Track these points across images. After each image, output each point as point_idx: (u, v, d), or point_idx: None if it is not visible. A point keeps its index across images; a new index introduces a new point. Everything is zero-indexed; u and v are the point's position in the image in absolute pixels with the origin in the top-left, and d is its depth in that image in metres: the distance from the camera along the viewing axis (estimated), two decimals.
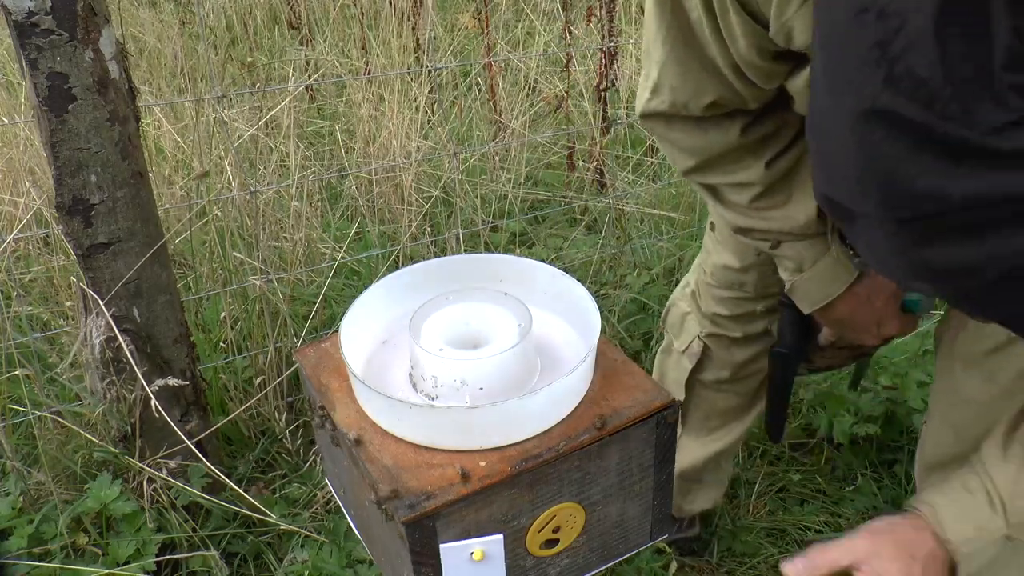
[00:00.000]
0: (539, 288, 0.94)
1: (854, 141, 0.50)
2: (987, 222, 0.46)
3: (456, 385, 0.81)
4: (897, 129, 0.47)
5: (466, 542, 0.77)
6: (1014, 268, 0.47)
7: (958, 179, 0.46)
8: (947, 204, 0.47)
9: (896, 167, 0.48)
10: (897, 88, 0.47)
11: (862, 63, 0.48)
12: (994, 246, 0.47)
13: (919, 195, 0.48)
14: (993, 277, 0.48)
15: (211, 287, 1.70)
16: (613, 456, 0.81)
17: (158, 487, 1.33)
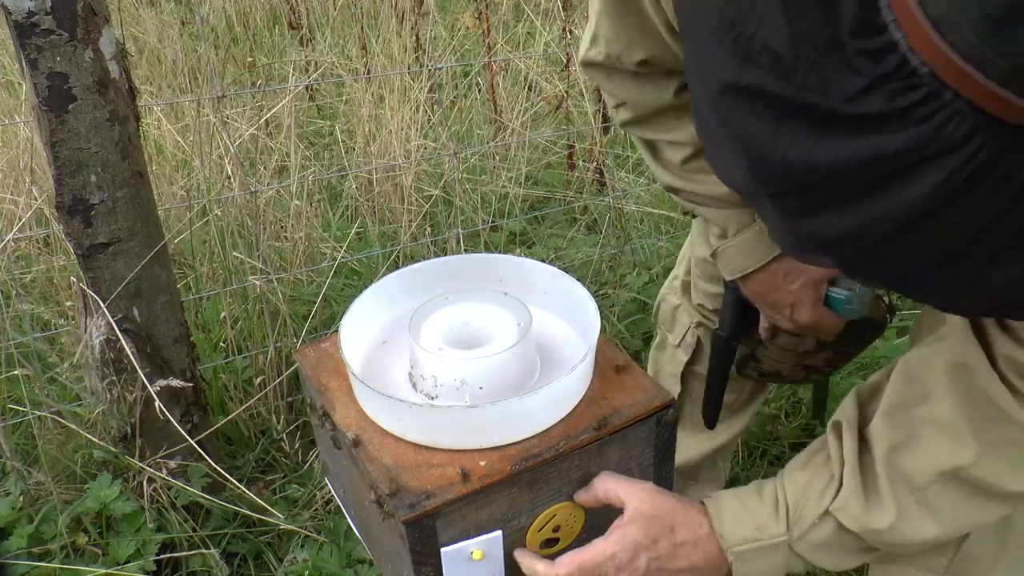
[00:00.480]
0: (539, 288, 0.94)
1: (718, 119, 0.51)
2: (857, 187, 0.47)
3: (456, 385, 0.81)
4: (759, 104, 0.48)
5: (466, 542, 0.77)
6: (892, 228, 0.47)
7: (822, 148, 0.46)
8: (815, 174, 0.47)
9: (762, 141, 0.48)
10: (753, 64, 0.47)
11: (717, 41, 0.49)
12: (868, 210, 0.47)
13: (787, 168, 0.48)
14: (875, 240, 0.48)
15: (211, 287, 1.70)
16: (613, 455, 0.81)
17: (158, 487, 1.33)
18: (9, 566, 1.25)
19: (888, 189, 0.46)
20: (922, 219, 0.46)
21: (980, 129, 0.43)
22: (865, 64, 0.45)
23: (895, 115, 0.44)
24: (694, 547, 0.79)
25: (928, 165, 0.45)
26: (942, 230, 0.46)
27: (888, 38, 0.44)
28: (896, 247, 0.48)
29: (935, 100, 0.44)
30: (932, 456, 0.71)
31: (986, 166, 0.44)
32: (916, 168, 0.45)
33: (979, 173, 0.44)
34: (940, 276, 0.49)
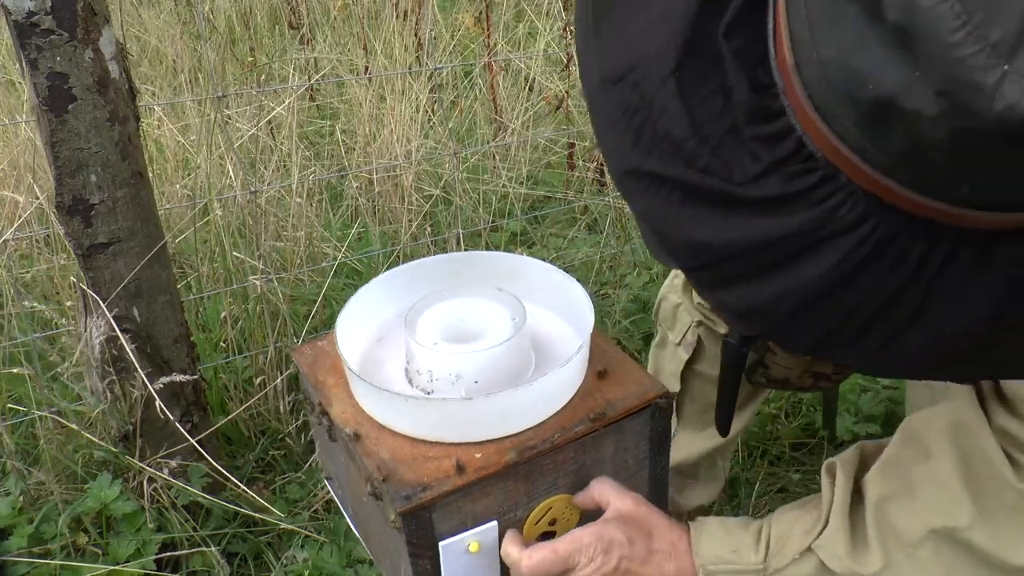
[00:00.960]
0: (533, 284, 0.95)
1: (626, 199, 0.54)
2: (760, 266, 0.49)
3: (451, 379, 0.81)
4: (662, 187, 0.50)
5: (463, 535, 0.78)
6: (795, 305, 0.49)
7: (723, 230, 0.49)
8: (718, 253, 0.50)
9: (667, 222, 0.51)
10: (654, 150, 0.50)
11: (618, 128, 0.51)
12: (771, 287, 0.49)
13: (694, 245, 0.51)
14: (785, 313, 0.50)
15: (212, 287, 1.70)
16: (608, 448, 0.82)
17: (158, 487, 1.34)
18: (9, 566, 1.25)
19: (788, 268, 0.48)
20: (821, 297, 0.49)
21: (873, 212, 0.46)
22: (761, 149, 0.47)
23: (792, 197, 0.47)
24: (668, 557, 0.79)
25: (825, 246, 0.47)
26: (846, 306, 0.49)
27: (785, 122, 0.47)
28: (802, 321, 0.50)
29: (831, 183, 0.46)
30: (925, 512, 0.70)
31: (881, 247, 0.46)
32: (813, 249, 0.47)
33: (874, 254, 0.46)
34: (852, 346, 0.51)
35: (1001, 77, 0.36)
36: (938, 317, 0.48)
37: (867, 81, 0.41)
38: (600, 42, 0.52)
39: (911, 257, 0.46)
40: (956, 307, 0.47)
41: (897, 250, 0.46)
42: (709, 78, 0.48)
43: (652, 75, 0.49)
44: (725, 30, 0.47)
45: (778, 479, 1.60)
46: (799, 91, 0.46)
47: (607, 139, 0.53)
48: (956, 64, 0.37)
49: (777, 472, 1.62)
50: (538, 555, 0.77)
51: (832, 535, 0.74)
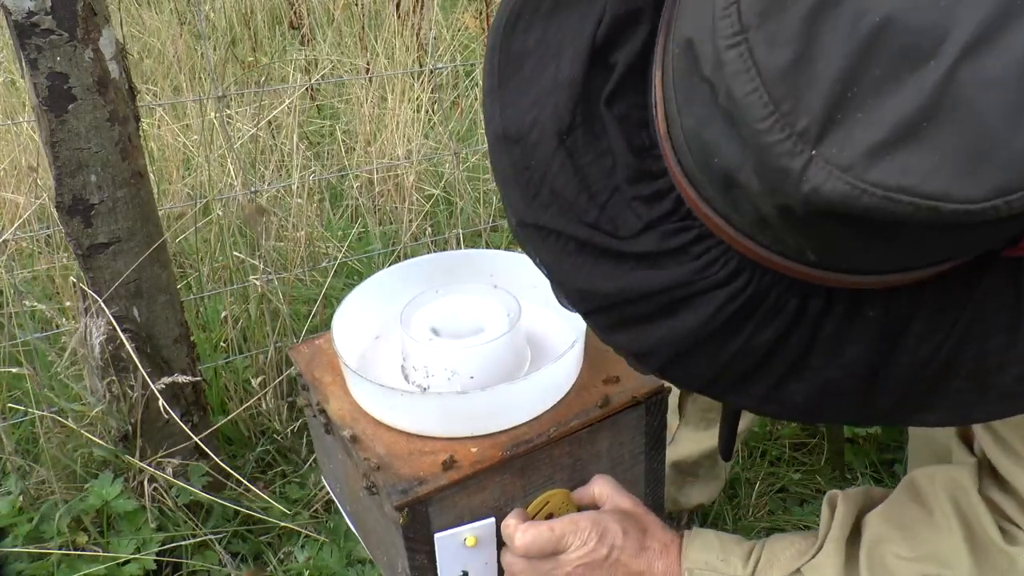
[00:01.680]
0: (527, 281, 0.95)
1: (524, 248, 0.58)
2: (642, 314, 0.53)
3: (447, 374, 0.81)
4: (559, 240, 0.54)
5: (459, 528, 0.78)
6: (679, 351, 0.53)
7: (614, 278, 0.53)
8: (609, 299, 0.53)
9: (563, 271, 0.55)
10: (550, 206, 0.54)
11: (516, 183, 0.55)
12: (655, 334, 0.53)
13: (586, 293, 0.55)
14: (668, 357, 0.54)
15: (212, 287, 1.71)
16: (604, 442, 0.82)
17: (159, 486, 1.34)
18: (9, 565, 1.25)
19: (668, 318, 0.52)
20: (700, 345, 0.52)
21: (746, 269, 0.49)
22: (641, 207, 0.51)
23: (669, 253, 0.51)
24: (658, 556, 0.80)
25: (700, 299, 0.51)
26: (726, 354, 0.52)
27: (666, 183, 0.51)
28: (687, 366, 0.54)
29: (706, 240, 0.50)
30: (921, 560, 0.73)
31: (753, 302, 0.50)
32: (689, 301, 0.51)
33: (747, 308, 0.50)
34: (741, 389, 0.55)
35: (807, 162, 0.39)
36: (818, 368, 0.52)
37: (714, 154, 0.44)
38: (503, 97, 0.56)
39: (787, 310, 0.50)
40: (834, 358, 0.51)
41: (771, 304, 0.50)
42: (599, 140, 0.52)
43: (546, 137, 0.53)
44: (607, 97, 0.52)
45: (778, 479, 1.60)
46: (671, 157, 0.50)
47: (507, 191, 0.57)
48: (766, 150, 0.40)
49: (777, 472, 1.62)
50: (533, 531, 0.79)
51: (824, 560, 0.76)
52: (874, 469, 1.60)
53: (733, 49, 0.40)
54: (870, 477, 1.58)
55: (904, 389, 0.52)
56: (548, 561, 0.79)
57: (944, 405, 0.53)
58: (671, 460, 1.30)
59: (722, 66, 0.41)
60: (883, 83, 0.38)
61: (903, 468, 1.57)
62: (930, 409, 0.53)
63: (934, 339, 0.50)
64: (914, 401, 0.53)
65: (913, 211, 0.39)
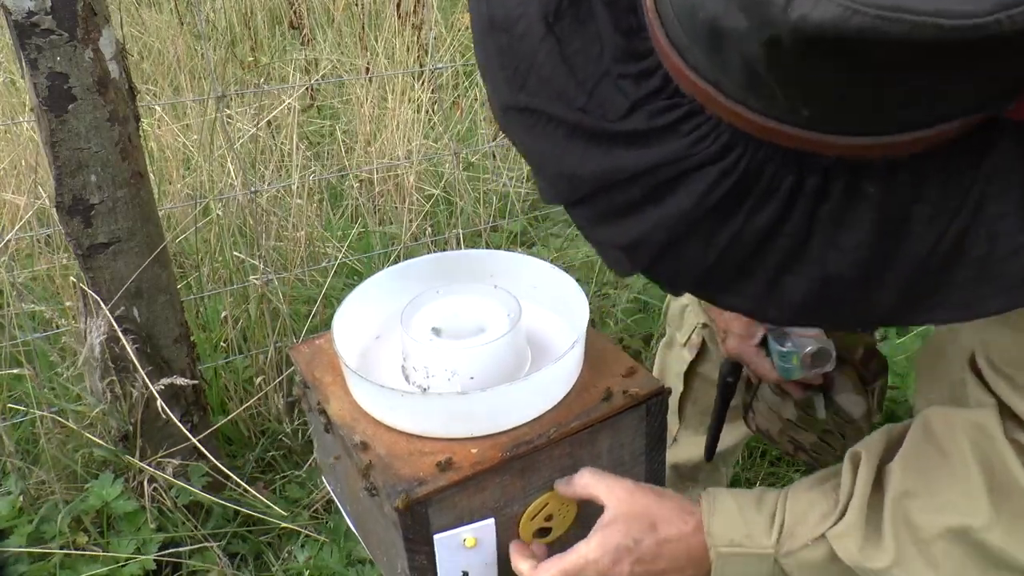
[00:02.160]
0: (527, 281, 0.95)
1: (508, 135, 0.56)
2: (632, 199, 0.51)
3: (447, 375, 0.81)
4: (548, 123, 0.53)
5: (459, 529, 0.78)
6: (670, 237, 0.51)
7: (597, 162, 0.51)
8: (597, 183, 0.52)
9: (549, 156, 0.54)
10: (539, 92, 0.53)
11: (504, 70, 0.54)
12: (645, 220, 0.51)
13: (574, 179, 0.53)
14: (658, 246, 0.52)
15: (212, 287, 1.71)
16: (604, 443, 0.82)
17: (159, 486, 1.34)
18: (9, 565, 1.25)
19: (658, 200, 0.50)
20: (693, 230, 0.50)
21: (738, 143, 0.47)
22: (629, 87, 0.50)
23: (658, 131, 0.49)
24: (678, 543, 0.77)
25: (691, 176, 0.49)
26: (721, 241, 0.50)
27: (653, 61, 0.50)
28: (678, 256, 0.52)
29: (696, 117, 0.48)
30: (942, 509, 0.70)
31: (748, 178, 0.48)
32: (680, 180, 0.49)
33: (742, 184, 0.48)
34: (735, 287, 0.52)
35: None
36: (816, 259, 0.49)
37: (699, 9, 0.43)
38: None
39: (782, 189, 0.47)
40: (833, 245, 0.48)
41: (766, 183, 0.47)
42: (586, 27, 0.52)
43: (534, 25, 0.53)
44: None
45: (778, 479, 1.60)
46: (658, 29, 0.48)
47: (493, 78, 0.55)
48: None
49: (777, 472, 1.62)
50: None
51: (848, 527, 0.73)
52: None
53: None
54: None
55: (909, 281, 0.49)
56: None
57: (953, 298, 0.49)
58: (671, 463, 1.29)
59: None
60: None
61: None
62: (938, 305, 0.49)
63: (940, 222, 0.47)
64: (920, 295, 0.49)
65: (909, 30, 0.37)
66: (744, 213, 0.49)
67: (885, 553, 0.72)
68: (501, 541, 0.81)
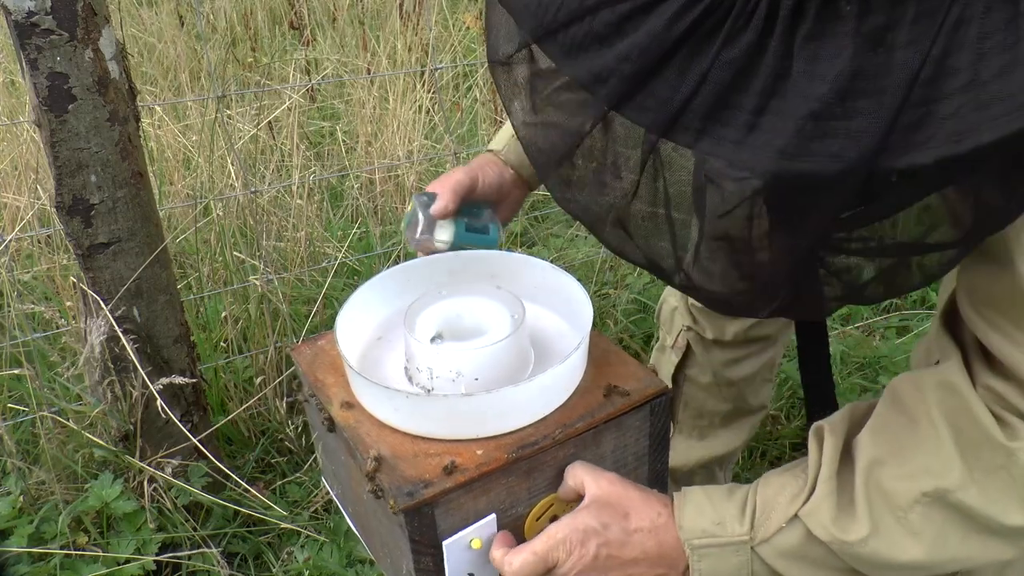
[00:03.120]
0: (531, 282, 0.95)
1: None
2: (607, 23, 0.49)
3: (451, 376, 0.81)
4: None
5: (465, 531, 0.77)
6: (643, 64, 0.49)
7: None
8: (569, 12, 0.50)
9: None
10: None
11: None
12: (618, 47, 0.49)
13: (549, 6, 0.51)
14: (628, 76, 0.49)
15: (212, 287, 1.70)
16: (608, 444, 0.82)
17: (159, 486, 1.33)
18: (9, 565, 1.25)
19: (632, 28, 0.48)
20: (666, 57, 0.48)
21: None
22: None
23: None
24: (648, 534, 0.76)
25: (661, 4, 0.47)
26: (696, 70, 0.47)
27: None
28: (653, 90, 0.49)
29: None
30: (916, 475, 0.69)
31: (723, 1, 0.46)
32: (653, 5, 0.47)
33: (715, 8, 0.46)
34: (711, 127, 0.49)
35: None
36: (798, 88, 0.46)
37: None
38: None
39: (758, 14, 0.45)
40: (814, 76, 0.46)
41: (741, 6, 0.46)
42: None
43: None
44: None
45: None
46: None
47: None
48: None
49: None
50: (518, 559, 0.76)
51: (818, 502, 0.72)
52: None
53: None
54: None
55: (894, 111, 0.46)
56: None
57: (945, 129, 0.46)
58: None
59: None
60: None
61: None
62: (930, 139, 0.46)
63: (920, 45, 0.45)
64: (908, 127, 0.46)
65: None
66: (720, 40, 0.47)
67: (860, 524, 0.70)
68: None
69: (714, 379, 1.25)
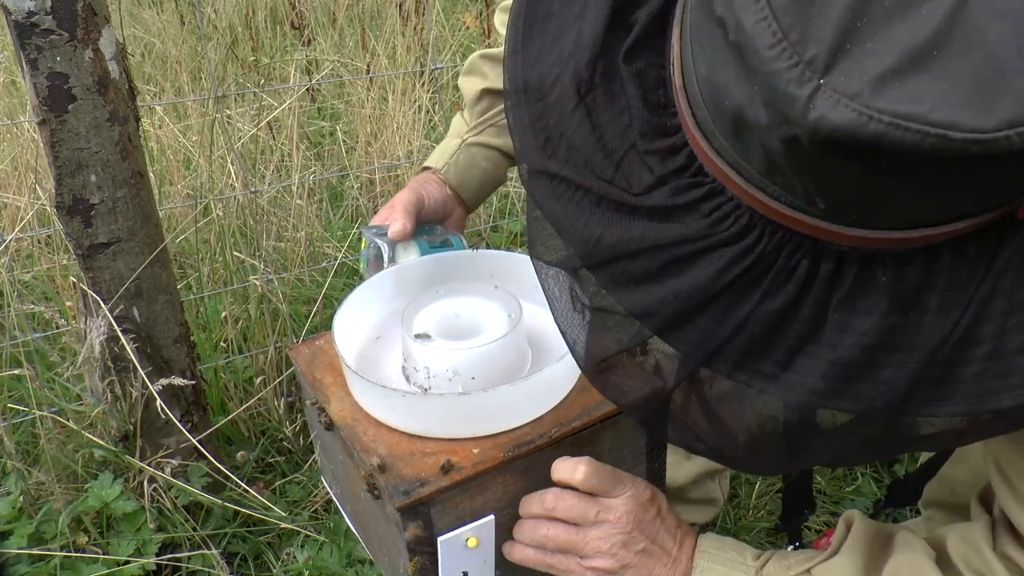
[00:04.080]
0: (528, 281, 0.94)
1: (533, 196, 0.58)
2: (649, 269, 0.52)
3: (448, 375, 0.81)
4: (576, 191, 0.55)
5: (461, 529, 0.77)
6: (684, 309, 0.52)
7: (625, 232, 0.53)
8: (614, 251, 0.53)
9: (571, 220, 0.55)
10: (568, 160, 0.54)
11: (528, 134, 0.56)
12: (661, 290, 0.52)
13: (591, 244, 0.54)
14: (670, 315, 0.53)
15: (212, 287, 1.71)
16: (605, 443, 0.82)
17: (159, 486, 1.34)
18: (9, 566, 1.25)
19: (677, 273, 0.51)
20: (709, 303, 0.51)
21: (756, 225, 0.49)
22: (655, 163, 0.52)
23: (681, 208, 0.51)
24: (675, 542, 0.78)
25: (709, 255, 0.50)
26: (735, 317, 0.51)
27: (680, 139, 0.51)
28: (694, 328, 0.53)
29: (718, 197, 0.50)
30: None
31: (765, 259, 0.49)
32: (698, 257, 0.51)
33: (758, 265, 0.49)
34: (749, 362, 0.53)
35: (815, 90, 0.39)
36: (829, 339, 0.50)
37: (725, 96, 0.44)
38: (526, 56, 0.57)
39: (798, 273, 0.49)
40: (846, 328, 0.49)
41: (781, 266, 0.49)
42: (617, 99, 0.53)
43: (566, 94, 0.54)
44: (626, 53, 0.53)
45: (779, 479, 1.60)
46: (685, 108, 0.50)
47: (523, 141, 0.57)
48: (773, 77, 0.40)
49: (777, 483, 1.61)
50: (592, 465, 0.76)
51: (838, 566, 0.73)
52: (874, 469, 1.60)
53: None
54: (870, 477, 1.58)
55: (921, 367, 0.49)
56: (593, 504, 0.76)
57: (964, 390, 0.50)
58: None
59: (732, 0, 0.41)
60: (893, 13, 0.38)
61: (903, 468, 1.57)
62: (950, 395, 0.50)
63: (950, 313, 0.48)
64: (932, 382, 0.50)
65: (920, 139, 0.38)
66: (760, 293, 0.50)
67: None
68: (500, 541, 0.81)
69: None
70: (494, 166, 1.14)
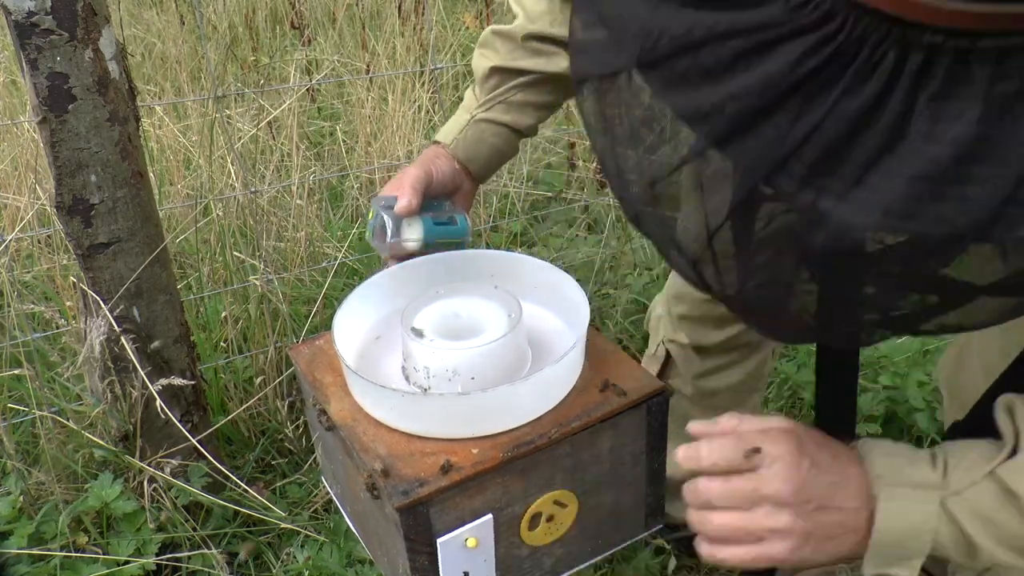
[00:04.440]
0: (528, 281, 0.95)
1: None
2: (719, 61, 0.47)
3: (448, 375, 0.81)
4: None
5: (460, 529, 0.77)
6: (754, 104, 0.46)
7: (683, 17, 0.48)
8: (679, 41, 0.48)
9: (637, 13, 0.50)
10: None
11: None
12: (728, 85, 0.47)
13: (655, 34, 0.49)
14: (738, 117, 0.47)
15: (212, 287, 1.71)
16: (605, 443, 0.82)
17: (159, 486, 1.34)
18: (9, 566, 1.25)
19: (745, 66, 0.46)
20: (780, 101, 0.45)
21: (839, 12, 0.43)
22: None
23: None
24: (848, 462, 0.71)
25: (785, 44, 0.44)
26: (810, 118, 0.45)
27: None
28: (760, 133, 0.47)
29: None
30: None
31: (848, 48, 0.43)
32: (774, 45, 0.45)
33: (840, 55, 0.44)
34: (816, 178, 0.47)
35: None
36: (912, 152, 0.44)
37: None
38: None
39: (883, 67, 0.43)
40: (932, 136, 0.44)
41: (866, 55, 0.44)
42: None
43: None
44: None
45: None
46: None
47: None
48: None
49: None
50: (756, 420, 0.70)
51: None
52: None
53: None
54: None
55: (1013, 185, 0.43)
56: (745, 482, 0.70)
57: None
58: None
59: None
60: None
61: None
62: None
63: None
64: (1018, 208, 0.44)
65: None
66: (838, 92, 0.44)
67: None
68: (503, 541, 0.81)
69: (696, 390, 1.25)
70: (503, 141, 1.13)
